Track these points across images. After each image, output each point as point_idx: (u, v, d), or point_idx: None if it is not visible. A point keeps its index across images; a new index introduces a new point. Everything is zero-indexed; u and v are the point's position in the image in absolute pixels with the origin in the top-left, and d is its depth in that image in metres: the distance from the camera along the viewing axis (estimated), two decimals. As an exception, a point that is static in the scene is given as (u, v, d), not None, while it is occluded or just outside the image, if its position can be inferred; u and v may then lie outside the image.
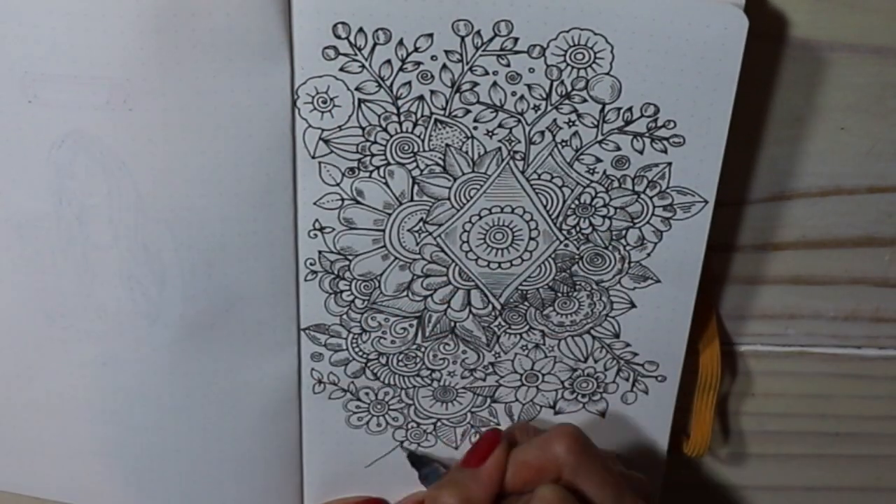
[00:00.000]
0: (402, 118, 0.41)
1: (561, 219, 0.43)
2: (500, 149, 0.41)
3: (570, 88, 0.40)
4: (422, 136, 0.41)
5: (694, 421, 0.49)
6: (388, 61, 0.39)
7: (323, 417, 0.47)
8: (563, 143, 0.41)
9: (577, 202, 0.43)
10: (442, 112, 0.41)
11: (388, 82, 0.40)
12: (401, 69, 0.40)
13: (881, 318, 0.49)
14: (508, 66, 0.40)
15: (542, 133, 0.41)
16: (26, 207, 0.41)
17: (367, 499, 0.49)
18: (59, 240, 0.42)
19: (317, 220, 0.43)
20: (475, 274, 0.44)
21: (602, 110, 0.41)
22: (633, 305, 0.45)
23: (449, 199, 0.42)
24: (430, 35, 0.39)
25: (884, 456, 0.53)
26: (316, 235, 0.43)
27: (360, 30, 0.39)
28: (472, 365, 0.47)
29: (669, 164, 0.42)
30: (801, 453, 0.52)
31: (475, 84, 0.40)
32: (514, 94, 0.40)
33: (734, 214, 0.46)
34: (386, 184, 0.42)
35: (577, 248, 0.44)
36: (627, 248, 0.44)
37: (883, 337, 0.50)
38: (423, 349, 0.46)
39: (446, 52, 0.39)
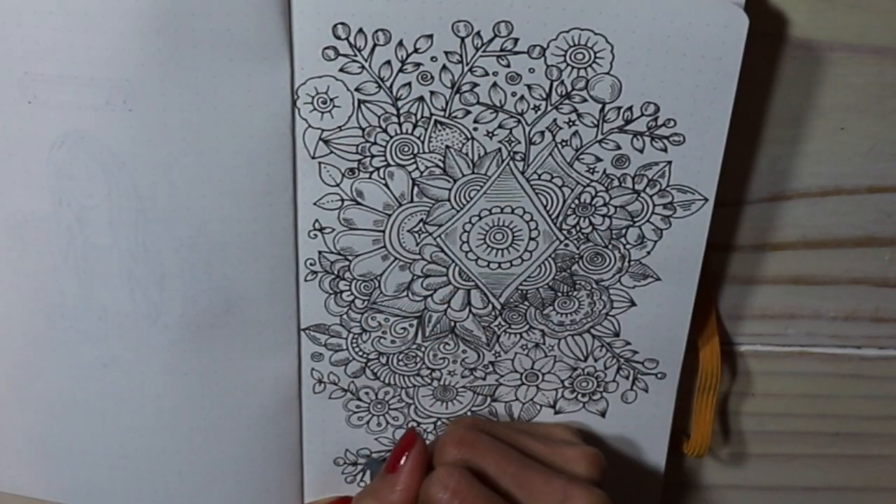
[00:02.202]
0: (402, 119, 0.41)
1: (561, 218, 0.43)
2: (500, 149, 0.41)
3: (570, 88, 0.40)
4: (422, 138, 0.41)
5: (694, 421, 0.49)
6: (388, 62, 0.39)
7: (323, 417, 0.47)
8: (563, 143, 0.41)
9: (577, 202, 0.43)
10: (442, 113, 0.41)
11: (387, 83, 0.40)
12: (401, 70, 0.39)
13: (881, 318, 0.49)
14: (508, 66, 0.40)
15: (542, 133, 0.41)
16: (26, 208, 0.41)
17: (337, 499, 0.49)
18: (59, 240, 0.42)
19: (317, 220, 0.43)
20: (475, 274, 0.44)
21: (602, 110, 0.41)
22: (632, 304, 0.45)
23: (449, 199, 0.42)
24: (430, 36, 0.39)
25: (884, 456, 0.53)
26: (316, 236, 0.43)
27: (360, 30, 0.39)
28: (472, 364, 0.47)
29: (669, 162, 0.42)
30: (801, 453, 0.52)
31: (475, 85, 0.40)
32: (514, 94, 0.40)
33: (734, 214, 0.46)
34: (386, 185, 0.42)
35: (577, 248, 0.44)
36: (627, 246, 0.44)
37: (883, 337, 0.50)
38: (423, 349, 0.46)
39: (446, 52, 0.39)
